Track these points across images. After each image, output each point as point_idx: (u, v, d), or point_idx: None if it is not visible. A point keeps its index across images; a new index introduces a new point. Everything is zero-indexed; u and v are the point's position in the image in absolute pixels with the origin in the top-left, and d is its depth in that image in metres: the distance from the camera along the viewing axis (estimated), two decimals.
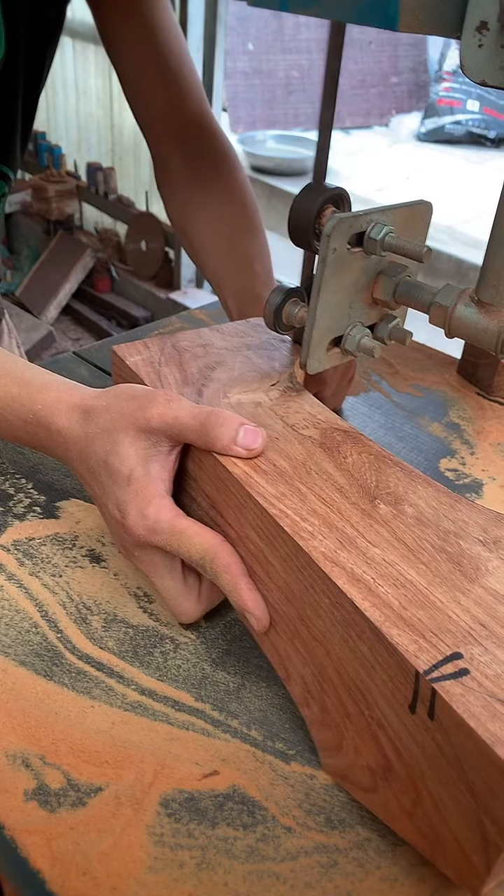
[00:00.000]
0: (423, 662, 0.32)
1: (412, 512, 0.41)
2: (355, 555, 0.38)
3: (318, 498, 0.41)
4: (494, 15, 0.33)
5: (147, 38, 0.68)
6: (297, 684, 0.41)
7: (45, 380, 0.48)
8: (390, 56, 5.42)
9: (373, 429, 0.69)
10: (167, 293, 2.82)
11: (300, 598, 0.39)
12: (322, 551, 0.38)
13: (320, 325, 0.48)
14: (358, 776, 0.38)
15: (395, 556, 0.38)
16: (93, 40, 2.81)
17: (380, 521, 0.40)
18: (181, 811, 0.38)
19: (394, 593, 0.36)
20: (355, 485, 0.43)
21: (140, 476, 0.43)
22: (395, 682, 0.34)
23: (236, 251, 0.71)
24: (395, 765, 0.35)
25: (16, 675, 0.44)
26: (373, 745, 0.36)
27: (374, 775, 0.37)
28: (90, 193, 3.08)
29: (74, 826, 0.37)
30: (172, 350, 0.54)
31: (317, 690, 0.40)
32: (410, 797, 0.35)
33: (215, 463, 0.43)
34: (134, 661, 0.45)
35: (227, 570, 0.42)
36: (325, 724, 0.40)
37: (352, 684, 0.37)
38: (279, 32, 5.02)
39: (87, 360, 0.77)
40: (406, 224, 0.48)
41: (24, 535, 0.54)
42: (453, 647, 0.33)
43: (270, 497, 0.41)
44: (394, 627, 0.34)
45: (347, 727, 0.38)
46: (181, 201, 0.75)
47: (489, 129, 5.09)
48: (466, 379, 0.78)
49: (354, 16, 0.36)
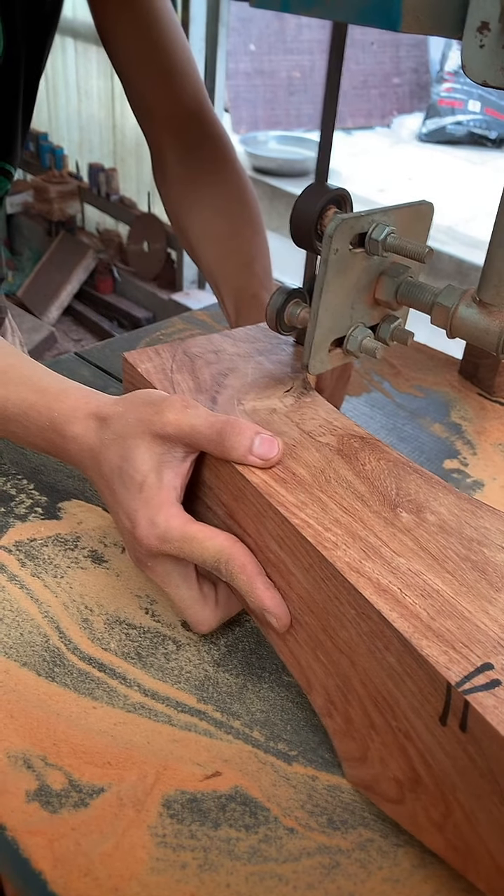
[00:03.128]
0: (455, 674, 0.32)
1: (434, 520, 0.41)
2: (380, 565, 0.37)
3: (340, 507, 0.41)
4: (496, 15, 0.33)
5: (144, 31, 0.68)
6: (320, 695, 0.41)
7: (63, 387, 0.47)
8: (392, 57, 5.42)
9: (374, 429, 0.69)
10: (169, 294, 2.82)
11: (324, 609, 0.39)
12: (347, 561, 0.37)
13: (322, 326, 0.48)
14: (384, 788, 0.37)
15: (421, 565, 0.38)
16: (94, 41, 2.82)
17: (403, 530, 0.40)
18: (183, 812, 0.38)
19: (421, 604, 0.35)
20: (376, 493, 0.42)
21: (152, 483, 0.42)
22: (424, 694, 0.33)
23: (235, 251, 0.71)
24: (424, 777, 0.35)
25: (18, 676, 0.44)
26: (400, 756, 0.36)
27: (402, 787, 0.36)
28: (92, 194, 3.08)
29: (76, 827, 0.37)
30: (184, 357, 0.53)
31: (340, 701, 0.39)
32: (440, 809, 0.34)
33: (233, 472, 0.43)
34: (136, 662, 0.45)
35: (242, 570, 0.41)
36: (349, 735, 0.39)
37: (378, 695, 0.36)
38: (281, 33, 5.02)
39: (88, 361, 0.77)
40: (407, 225, 0.48)
41: (26, 535, 0.54)
42: (483, 657, 0.33)
43: (291, 506, 0.40)
44: (423, 639, 0.34)
45: (373, 738, 0.37)
46: (178, 197, 0.74)
47: (490, 130, 5.08)
48: (468, 379, 0.78)
49: (356, 17, 0.36)
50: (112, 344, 0.81)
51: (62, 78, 3.08)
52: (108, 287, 3.05)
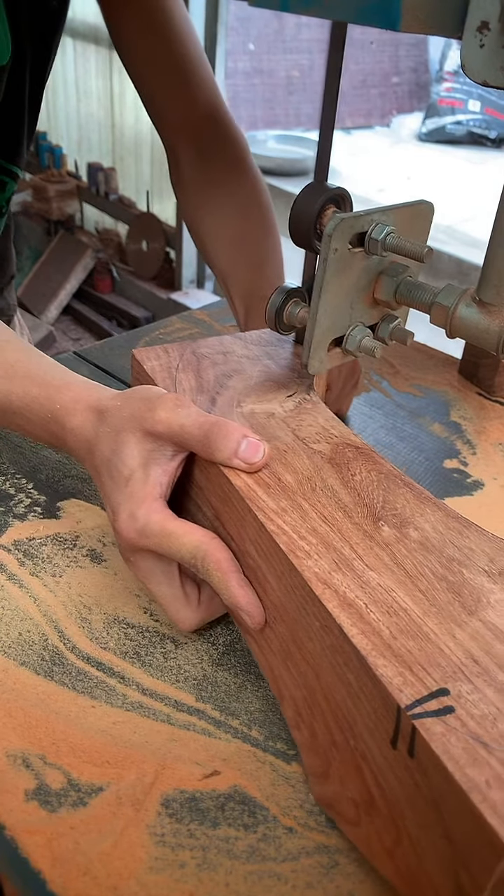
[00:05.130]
0: (406, 697, 0.31)
1: (417, 536, 0.40)
2: (350, 578, 0.36)
3: (320, 516, 0.40)
4: (495, 15, 0.33)
5: (157, 33, 0.67)
6: (290, 706, 0.40)
7: (66, 380, 0.48)
8: (391, 56, 5.42)
9: (374, 429, 0.69)
10: (168, 293, 2.82)
11: (294, 619, 0.38)
12: (315, 571, 0.36)
13: (321, 326, 0.48)
14: (343, 808, 0.36)
15: (393, 581, 0.36)
16: (93, 40, 2.81)
17: (381, 544, 0.39)
18: (182, 811, 0.38)
19: (385, 621, 0.34)
20: (360, 504, 0.41)
21: (139, 478, 0.43)
22: (378, 715, 0.32)
23: (246, 253, 0.70)
24: (378, 801, 0.33)
25: (16, 675, 0.44)
26: (357, 777, 0.35)
27: (358, 809, 0.35)
28: (91, 194, 3.08)
29: (75, 826, 0.37)
30: (192, 356, 0.53)
31: (307, 714, 0.38)
32: (392, 836, 0.33)
33: (219, 474, 0.43)
34: (135, 661, 0.45)
35: (217, 566, 0.41)
36: (314, 749, 0.38)
37: (339, 712, 0.35)
38: (280, 32, 5.02)
39: (87, 360, 0.77)
40: (407, 224, 0.48)
41: (25, 535, 0.54)
42: (441, 682, 0.32)
43: (270, 512, 0.40)
44: (380, 657, 0.32)
45: (334, 756, 0.36)
46: (192, 199, 0.74)
47: (490, 130, 5.09)
48: (467, 379, 0.78)
49: (355, 16, 0.36)
50: (111, 343, 0.81)
51: (61, 77, 3.08)
52: (107, 286, 3.04)
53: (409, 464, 0.65)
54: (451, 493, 0.62)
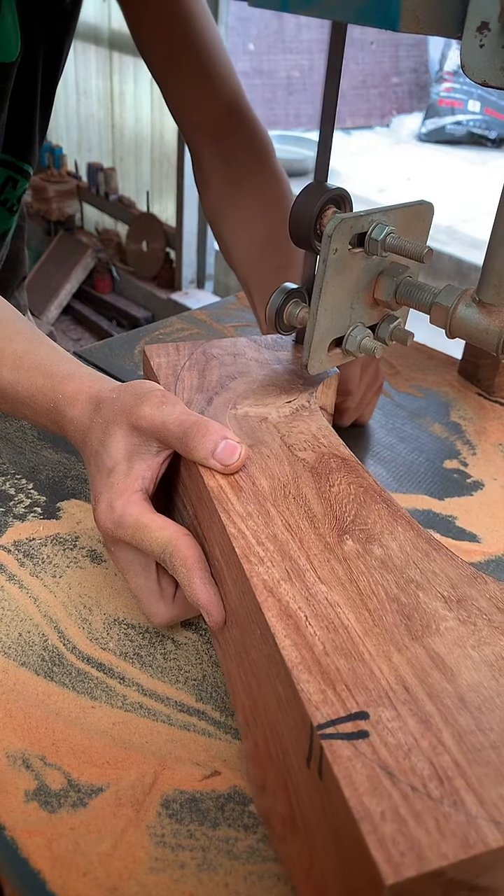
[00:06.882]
0: (322, 715, 0.30)
1: (380, 553, 0.38)
2: (298, 588, 0.36)
3: (285, 523, 0.40)
4: (495, 15, 0.33)
5: (179, 31, 0.67)
6: (240, 713, 0.40)
7: (70, 371, 0.48)
8: (391, 56, 5.43)
9: (374, 429, 0.69)
10: (168, 294, 2.82)
11: (243, 625, 0.38)
12: (264, 579, 0.36)
13: (321, 326, 0.48)
14: (274, 822, 0.36)
15: (341, 597, 0.36)
16: (93, 40, 2.82)
17: (340, 558, 0.38)
18: (182, 812, 0.38)
19: (322, 636, 0.33)
20: (330, 515, 0.41)
21: (122, 471, 0.43)
22: (297, 731, 0.31)
23: (269, 255, 0.68)
24: (298, 820, 0.32)
25: (16, 676, 0.44)
26: (283, 793, 0.34)
27: (285, 825, 0.34)
28: (91, 194, 3.08)
29: (75, 827, 0.37)
30: (201, 356, 0.53)
31: (252, 724, 0.38)
32: (307, 857, 0.32)
33: (197, 473, 0.43)
34: (135, 661, 0.45)
35: (184, 562, 0.41)
36: (256, 760, 0.38)
37: (273, 725, 0.35)
38: (280, 33, 5.02)
39: (87, 360, 0.77)
40: (407, 224, 0.48)
41: (25, 535, 0.54)
42: (363, 705, 0.30)
43: (235, 515, 0.40)
44: (305, 672, 0.31)
45: (270, 769, 0.36)
46: (215, 200, 0.73)
47: (490, 130, 5.09)
48: (467, 379, 0.78)
49: (355, 16, 0.36)
50: (111, 343, 0.81)
51: (61, 77, 3.07)
52: (107, 286, 3.04)
53: (410, 464, 0.65)
54: (451, 494, 0.62)
